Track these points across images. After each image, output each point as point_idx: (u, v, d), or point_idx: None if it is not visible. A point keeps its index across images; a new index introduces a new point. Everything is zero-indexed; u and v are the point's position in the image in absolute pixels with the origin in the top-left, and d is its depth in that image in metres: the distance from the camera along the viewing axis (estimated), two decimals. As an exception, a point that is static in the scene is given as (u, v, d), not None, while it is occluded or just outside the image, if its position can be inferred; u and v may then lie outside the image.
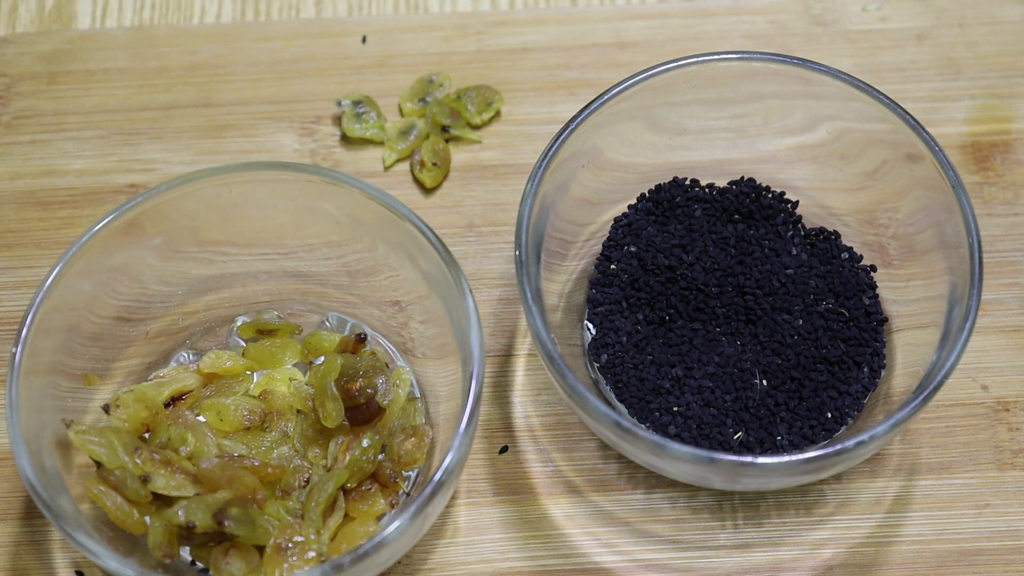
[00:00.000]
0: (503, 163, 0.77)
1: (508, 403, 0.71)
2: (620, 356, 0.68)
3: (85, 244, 0.64)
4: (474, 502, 0.68)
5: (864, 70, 0.79)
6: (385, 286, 0.69)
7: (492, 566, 0.67)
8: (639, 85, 0.68)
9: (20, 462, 0.60)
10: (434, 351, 0.68)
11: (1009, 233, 0.75)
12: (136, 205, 0.65)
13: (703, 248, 0.70)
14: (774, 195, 0.72)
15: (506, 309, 0.73)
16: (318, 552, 0.62)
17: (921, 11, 0.81)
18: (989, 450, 0.69)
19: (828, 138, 0.72)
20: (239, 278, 0.70)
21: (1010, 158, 0.77)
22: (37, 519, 0.68)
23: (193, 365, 0.69)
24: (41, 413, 0.63)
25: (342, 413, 0.65)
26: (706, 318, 0.69)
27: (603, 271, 0.71)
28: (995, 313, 0.73)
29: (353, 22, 0.81)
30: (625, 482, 0.69)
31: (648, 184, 0.73)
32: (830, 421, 0.67)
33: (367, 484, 0.65)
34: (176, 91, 0.79)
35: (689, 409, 0.67)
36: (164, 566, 0.62)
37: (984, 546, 0.67)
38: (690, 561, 0.67)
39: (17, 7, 0.81)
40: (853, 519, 0.68)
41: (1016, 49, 0.80)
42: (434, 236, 0.64)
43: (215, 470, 0.62)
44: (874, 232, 0.71)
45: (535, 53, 0.80)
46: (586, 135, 0.68)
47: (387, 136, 0.78)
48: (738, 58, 0.69)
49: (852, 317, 0.69)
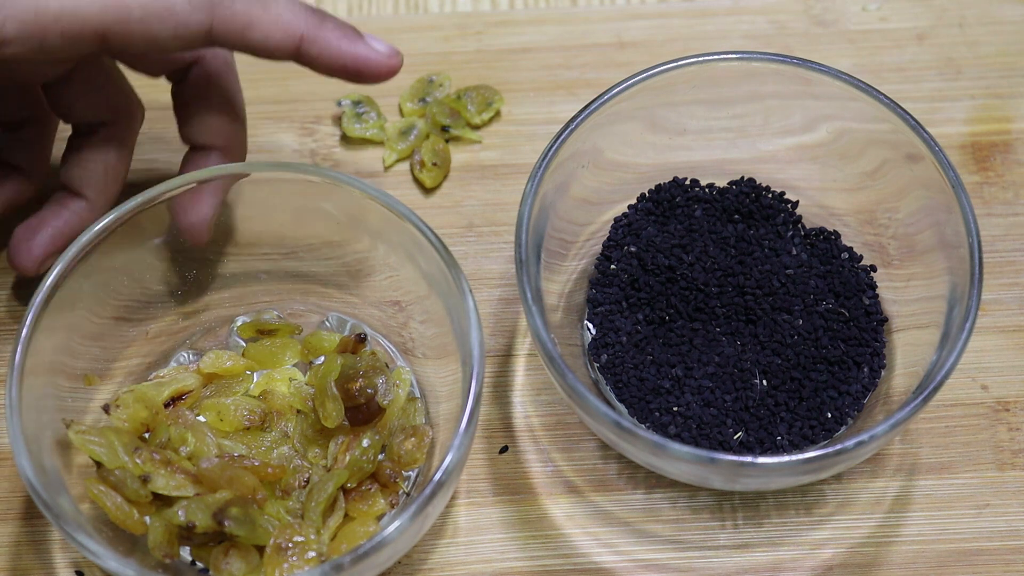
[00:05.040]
0: (503, 163, 0.77)
1: (508, 403, 0.71)
2: (620, 356, 0.68)
3: (85, 244, 0.64)
4: (474, 502, 0.68)
5: (864, 70, 0.79)
6: (385, 286, 0.69)
7: (492, 566, 0.67)
8: (639, 85, 0.68)
9: (20, 462, 0.60)
10: (434, 351, 0.68)
11: (1009, 233, 0.75)
12: (136, 205, 0.65)
13: (703, 248, 0.70)
14: (774, 195, 0.72)
15: (506, 309, 0.73)
16: (318, 552, 0.62)
17: (921, 11, 0.81)
18: (989, 450, 0.69)
19: (828, 138, 0.72)
20: (239, 278, 0.70)
21: (1010, 158, 0.77)
22: (37, 519, 0.68)
23: (193, 365, 0.69)
24: (41, 413, 0.63)
25: (342, 413, 0.65)
26: (706, 318, 0.69)
27: (603, 271, 0.71)
28: (995, 313, 0.73)
29: (353, 22, 0.81)
30: (625, 482, 0.69)
31: (648, 184, 0.73)
32: (830, 421, 0.67)
33: (367, 484, 0.65)
34: (176, 91, 0.79)
35: (689, 409, 0.67)
36: (164, 566, 0.62)
37: (984, 546, 0.67)
38: (690, 561, 0.67)
39: (17, 7, 0.81)
40: (853, 519, 0.68)
41: (1016, 49, 0.80)
42: (434, 236, 0.64)
43: (215, 470, 0.62)
44: (874, 232, 0.71)
45: (535, 53, 0.80)
46: (586, 135, 0.68)
47: (387, 136, 0.78)
48: (738, 58, 0.69)
49: (852, 317, 0.69)
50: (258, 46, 0.63)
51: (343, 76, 0.65)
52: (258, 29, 0.62)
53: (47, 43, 0.60)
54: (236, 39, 0.62)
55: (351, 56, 0.63)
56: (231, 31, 0.62)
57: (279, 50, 0.63)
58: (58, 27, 0.60)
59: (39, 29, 0.60)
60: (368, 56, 0.64)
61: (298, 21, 0.63)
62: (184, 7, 0.61)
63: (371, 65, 0.64)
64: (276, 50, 0.63)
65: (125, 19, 0.60)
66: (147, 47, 0.62)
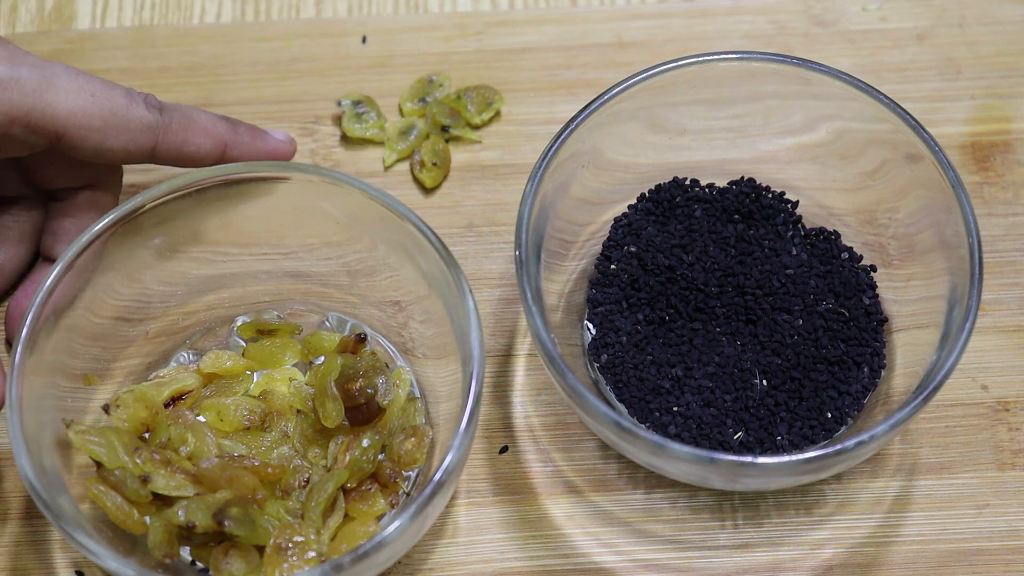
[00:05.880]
0: (503, 163, 0.77)
1: (508, 403, 0.71)
2: (620, 356, 0.68)
3: (85, 244, 0.64)
4: (474, 502, 0.68)
5: (864, 70, 0.79)
6: (385, 286, 0.69)
7: (492, 566, 0.67)
8: (639, 85, 0.68)
9: (20, 462, 0.60)
10: (434, 351, 0.68)
11: (1009, 233, 0.75)
12: (136, 205, 0.65)
13: (703, 248, 0.70)
14: (774, 195, 0.72)
15: (506, 309, 0.73)
16: (318, 552, 0.62)
17: (921, 11, 0.81)
18: (989, 450, 0.69)
19: (828, 138, 0.72)
20: (239, 278, 0.70)
21: (1010, 158, 0.77)
22: (37, 519, 0.68)
23: (193, 365, 0.69)
24: (41, 413, 0.63)
25: (342, 413, 0.65)
26: (706, 318, 0.69)
27: (603, 271, 0.71)
28: (995, 313, 0.73)
29: (353, 22, 0.81)
30: (625, 482, 0.69)
31: (648, 184, 0.73)
32: (830, 421, 0.67)
33: (367, 484, 0.65)
34: (176, 91, 0.78)
35: (689, 409, 0.67)
36: (164, 566, 0.62)
37: (984, 546, 0.67)
38: (690, 561, 0.67)
39: (17, 7, 0.81)
40: (853, 519, 0.68)
41: (1016, 49, 0.80)
42: (434, 236, 0.64)
43: (215, 470, 0.62)
44: (874, 232, 0.71)
45: (535, 53, 0.80)
46: (586, 135, 0.68)
47: (387, 136, 0.78)
48: (738, 58, 0.69)
49: (852, 317, 0.69)
50: (191, 157, 0.69)
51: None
52: (192, 143, 0.68)
53: (10, 132, 0.64)
54: (174, 154, 0.68)
55: (264, 151, 0.71)
56: (171, 148, 0.68)
57: (208, 157, 0.69)
58: (26, 120, 0.64)
59: (8, 120, 0.63)
60: (276, 147, 0.72)
61: (219, 131, 0.69)
62: (137, 126, 0.66)
63: (280, 152, 0.72)
64: (206, 158, 0.69)
65: (87, 126, 0.65)
66: (94, 155, 0.66)
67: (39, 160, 0.69)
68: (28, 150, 0.66)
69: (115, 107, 0.66)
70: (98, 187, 0.71)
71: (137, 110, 0.66)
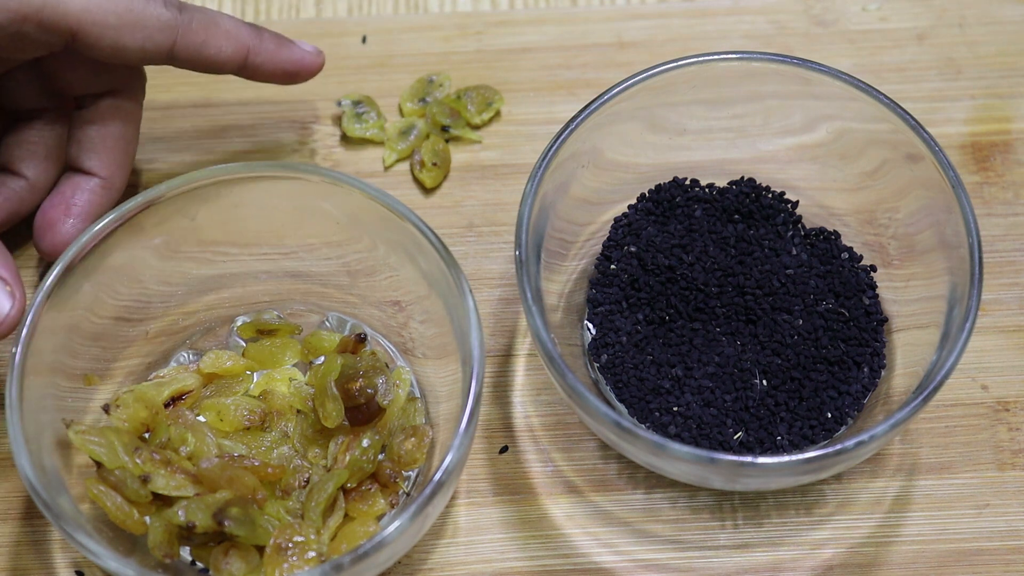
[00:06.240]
0: (503, 163, 0.77)
1: (508, 403, 0.71)
2: (620, 356, 0.68)
3: (85, 244, 0.64)
4: (474, 502, 0.68)
5: (864, 70, 0.79)
6: (385, 286, 0.69)
7: (492, 566, 0.67)
8: (639, 85, 0.68)
9: (20, 462, 0.60)
10: (434, 351, 0.68)
11: (1009, 233, 0.75)
12: (136, 205, 0.65)
13: (703, 248, 0.70)
14: (774, 195, 0.72)
15: (506, 309, 0.73)
16: (318, 552, 0.62)
17: (921, 11, 0.81)
18: (989, 450, 0.69)
19: (828, 138, 0.72)
20: (239, 278, 0.70)
21: (1010, 158, 0.77)
22: (37, 519, 0.68)
23: (193, 365, 0.69)
24: (41, 413, 0.63)
25: (342, 413, 0.65)
26: (706, 318, 0.69)
27: (603, 271, 0.71)
28: (995, 313, 0.73)
29: (353, 22, 0.81)
30: (625, 482, 0.69)
31: (648, 184, 0.73)
32: (830, 421, 0.67)
33: (367, 484, 0.65)
34: (176, 91, 0.78)
35: (689, 409, 0.67)
36: (164, 566, 0.62)
37: (984, 546, 0.67)
38: (690, 561, 0.67)
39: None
40: (853, 519, 0.68)
41: (1016, 49, 0.80)
42: (434, 236, 0.64)
43: (215, 470, 0.62)
44: (874, 232, 0.71)
45: (535, 53, 0.80)
46: (586, 135, 0.68)
47: (387, 136, 0.78)
48: (738, 58, 0.69)
49: (852, 317, 0.69)
50: (211, 61, 0.67)
51: (280, 80, 0.70)
52: (212, 46, 0.67)
53: (23, 30, 0.63)
54: (193, 56, 0.67)
55: (289, 60, 0.69)
56: (190, 48, 0.66)
57: (230, 63, 0.67)
58: (38, 17, 0.62)
59: (20, 17, 0.62)
60: (303, 57, 0.70)
61: (243, 35, 0.67)
62: (155, 23, 0.65)
63: (306, 64, 0.70)
64: (227, 63, 0.67)
65: (101, 23, 0.63)
66: (111, 54, 0.65)
67: (59, 64, 0.68)
68: (45, 50, 0.65)
69: (131, 3, 0.64)
70: (121, 93, 0.70)
71: (154, 7, 0.65)
